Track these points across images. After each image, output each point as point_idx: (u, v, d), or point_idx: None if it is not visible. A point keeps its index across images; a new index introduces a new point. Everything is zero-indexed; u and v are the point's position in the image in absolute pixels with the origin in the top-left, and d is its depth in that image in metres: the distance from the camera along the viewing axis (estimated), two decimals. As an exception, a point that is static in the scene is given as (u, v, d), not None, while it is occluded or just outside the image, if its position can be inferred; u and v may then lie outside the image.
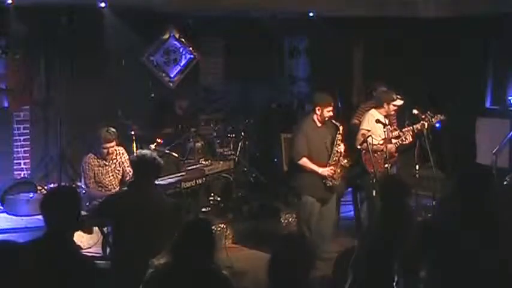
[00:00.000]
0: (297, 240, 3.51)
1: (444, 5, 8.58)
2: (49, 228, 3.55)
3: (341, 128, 6.88)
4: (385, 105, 7.37)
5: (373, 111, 7.43)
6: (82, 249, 6.16)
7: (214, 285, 3.56)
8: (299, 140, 6.91)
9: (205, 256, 3.55)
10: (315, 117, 6.93)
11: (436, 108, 7.56)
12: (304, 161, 6.86)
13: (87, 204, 6.43)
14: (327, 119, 6.87)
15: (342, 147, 6.89)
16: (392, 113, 7.48)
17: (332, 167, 6.84)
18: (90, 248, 6.25)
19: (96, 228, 5.92)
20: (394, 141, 7.36)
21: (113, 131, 6.67)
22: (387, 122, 7.35)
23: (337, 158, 6.86)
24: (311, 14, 9.70)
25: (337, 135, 6.86)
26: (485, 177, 3.72)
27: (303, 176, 6.95)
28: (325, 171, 6.83)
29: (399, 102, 7.35)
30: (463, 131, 9.46)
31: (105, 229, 5.88)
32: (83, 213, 5.34)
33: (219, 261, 3.73)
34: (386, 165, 7.15)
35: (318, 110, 6.88)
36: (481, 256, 3.41)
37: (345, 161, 6.92)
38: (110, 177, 6.72)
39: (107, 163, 6.72)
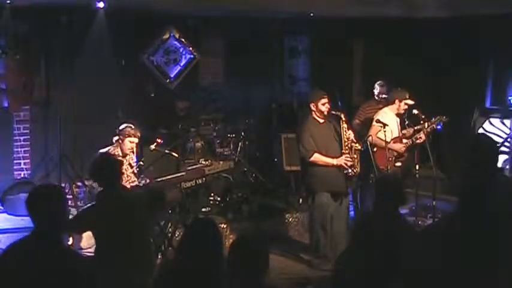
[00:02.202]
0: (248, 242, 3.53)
1: (444, 5, 8.57)
2: (37, 228, 3.52)
3: (343, 115, 6.86)
4: (397, 102, 7.41)
5: (386, 109, 7.49)
6: (82, 249, 6.20)
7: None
8: (305, 138, 6.90)
9: (215, 255, 3.55)
10: (314, 114, 6.95)
11: (437, 108, 7.58)
12: (317, 157, 6.83)
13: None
14: (325, 112, 6.87)
15: (350, 134, 6.88)
16: (403, 111, 7.50)
17: (347, 155, 6.84)
18: (90, 248, 6.25)
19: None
20: (404, 141, 7.39)
21: (134, 127, 6.59)
22: (398, 121, 7.42)
23: (349, 146, 6.85)
24: (311, 14, 9.70)
25: (342, 124, 6.86)
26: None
27: (317, 172, 6.90)
28: (340, 160, 6.81)
29: (410, 101, 7.39)
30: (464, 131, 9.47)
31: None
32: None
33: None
34: (397, 164, 7.21)
35: (313, 106, 6.91)
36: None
37: (356, 144, 6.91)
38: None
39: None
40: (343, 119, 6.85)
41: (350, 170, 6.84)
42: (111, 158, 5.14)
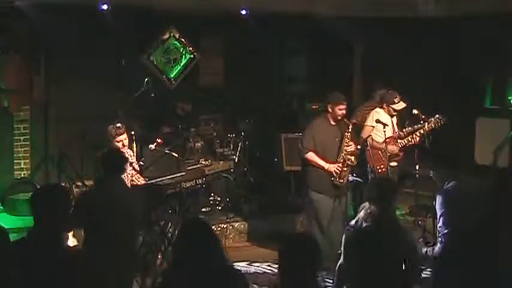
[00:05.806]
0: (305, 241, 3.53)
1: (444, 5, 8.58)
2: (38, 227, 3.52)
3: (350, 126, 6.87)
4: (385, 106, 7.42)
5: (378, 109, 7.49)
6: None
7: (228, 284, 3.55)
8: (306, 135, 6.97)
9: (212, 255, 3.54)
10: (328, 115, 6.95)
11: (437, 109, 7.58)
12: (310, 155, 6.86)
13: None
14: (339, 117, 6.87)
15: (352, 146, 6.85)
16: (395, 113, 7.48)
17: (339, 164, 6.84)
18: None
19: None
20: (399, 140, 7.37)
21: (119, 125, 6.62)
22: (395, 121, 7.41)
23: (345, 156, 6.85)
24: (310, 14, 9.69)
25: (346, 134, 6.86)
26: None
27: (310, 171, 6.95)
28: (331, 167, 6.80)
29: (400, 106, 7.35)
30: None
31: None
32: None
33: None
34: (392, 164, 7.19)
35: (330, 108, 6.90)
36: None
37: (352, 158, 6.90)
38: None
39: None
40: (349, 130, 6.84)
41: (336, 179, 6.83)
42: (120, 152, 5.44)
